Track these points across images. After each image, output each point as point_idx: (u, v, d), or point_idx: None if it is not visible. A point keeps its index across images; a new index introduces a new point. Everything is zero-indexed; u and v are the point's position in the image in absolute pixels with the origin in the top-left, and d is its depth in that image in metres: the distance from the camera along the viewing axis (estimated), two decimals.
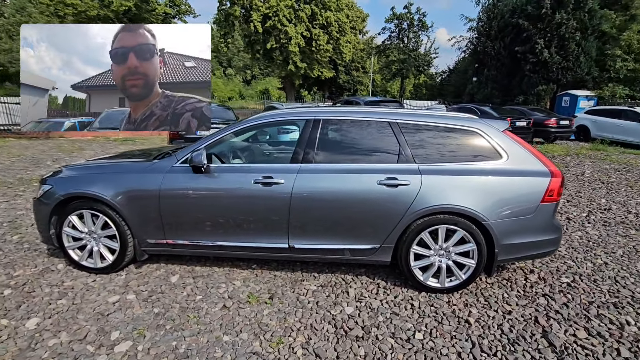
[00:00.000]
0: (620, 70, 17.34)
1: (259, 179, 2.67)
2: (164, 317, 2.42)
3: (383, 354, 2.12)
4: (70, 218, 2.84)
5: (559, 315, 2.50)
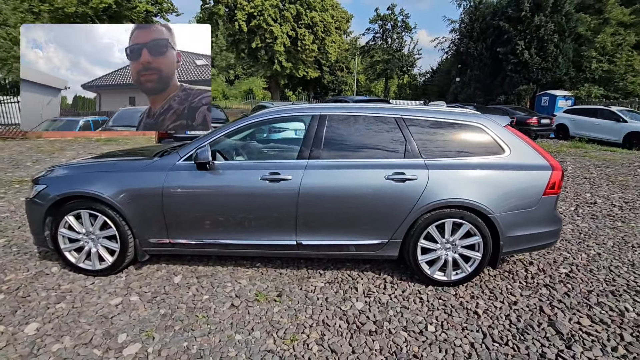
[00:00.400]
0: (596, 71, 18.10)
1: (266, 176, 2.63)
2: (171, 318, 2.35)
3: (398, 347, 2.13)
4: (67, 219, 2.73)
5: (562, 305, 2.58)
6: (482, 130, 2.77)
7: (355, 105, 2.92)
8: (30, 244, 3.45)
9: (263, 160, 2.75)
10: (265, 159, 2.76)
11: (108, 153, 3.54)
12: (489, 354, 2.08)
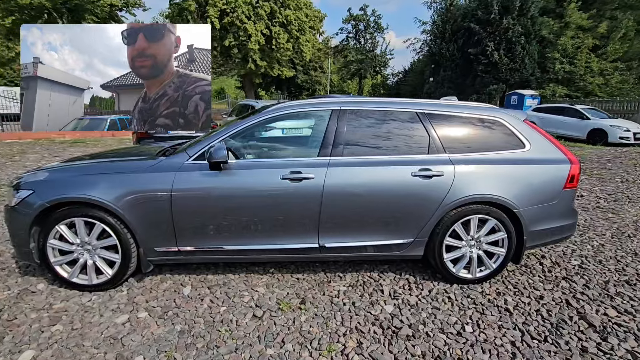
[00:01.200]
0: (559, 71, 19.21)
1: (287, 175, 2.45)
2: (190, 335, 2.12)
3: (440, 350, 2.04)
4: (58, 228, 2.40)
5: (585, 297, 2.60)
6: (503, 124, 2.74)
7: (374, 99, 2.79)
8: (5, 258, 3.05)
9: (279, 158, 2.56)
10: (281, 157, 2.57)
11: (99, 154, 3.19)
12: (532, 352, 2.03)
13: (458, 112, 2.74)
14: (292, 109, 2.65)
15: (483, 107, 2.84)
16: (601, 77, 19.18)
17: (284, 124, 3.52)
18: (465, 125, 2.73)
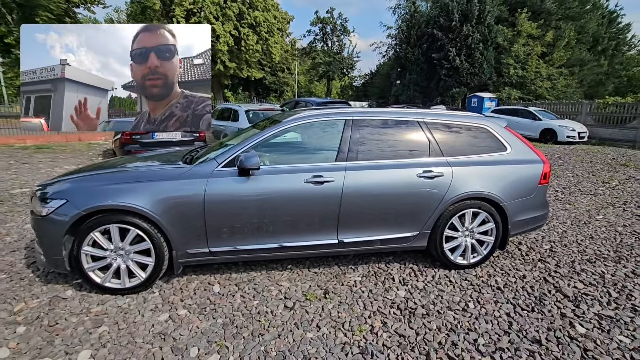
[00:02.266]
0: (512, 76, 20.90)
1: (310, 179, 2.72)
2: (234, 326, 2.33)
3: (452, 324, 2.41)
4: (93, 235, 2.50)
5: (557, 274, 3.11)
6: (488, 130, 3.20)
7: (381, 110, 3.14)
8: (19, 268, 3.04)
9: (299, 164, 2.81)
10: (300, 162, 2.82)
11: (114, 162, 3.26)
12: (524, 319, 2.46)
13: (452, 120, 3.16)
14: (310, 119, 2.92)
15: (471, 116, 3.29)
16: (549, 81, 21.14)
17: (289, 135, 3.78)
18: (458, 132, 3.15)
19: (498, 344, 2.22)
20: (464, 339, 2.26)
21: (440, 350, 2.15)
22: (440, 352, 2.14)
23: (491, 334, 2.32)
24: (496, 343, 2.23)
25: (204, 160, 2.75)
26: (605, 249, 3.64)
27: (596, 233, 4.10)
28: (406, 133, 3.04)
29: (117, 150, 7.06)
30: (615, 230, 4.22)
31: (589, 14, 23.55)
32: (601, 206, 5.22)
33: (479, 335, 2.30)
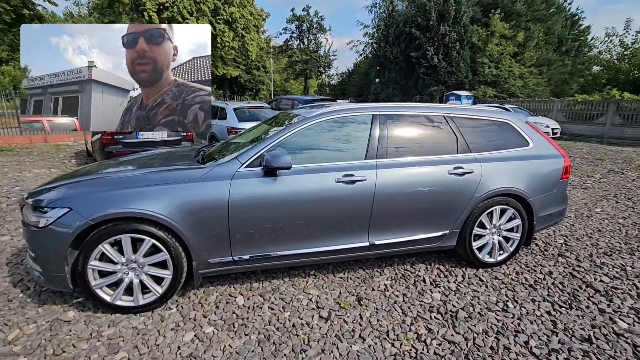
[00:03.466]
0: (487, 75, 21.60)
1: (340, 178, 2.54)
2: (271, 343, 2.11)
3: (497, 326, 2.32)
4: (101, 247, 2.19)
5: (581, 268, 3.12)
6: (511, 125, 3.15)
7: (406, 104, 3.00)
8: (4, 288, 2.65)
9: (326, 162, 2.62)
10: (327, 161, 2.62)
11: (114, 164, 2.91)
12: (566, 317, 2.41)
13: (476, 115, 3.08)
14: (336, 114, 2.73)
15: (494, 111, 3.22)
16: (521, 80, 22.01)
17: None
18: (483, 127, 3.07)
19: (550, 345, 2.14)
20: (514, 341, 2.17)
21: (495, 356, 2.04)
22: (496, 357, 2.03)
23: (539, 334, 2.24)
24: (547, 344, 2.15)
25: (225, 161, 2.49)
26: (616, 242, 3.71)
27: (601, 226, 4.19)
28: (433, 128, 2.93)
29: (97, 152, 6.52)
30: (617, 222, 4.33)
31: (554, 17, 24.75)
32: (596, 199, 5.38)
33: (528, 337, 2.21)
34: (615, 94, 15.27)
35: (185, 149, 3.50)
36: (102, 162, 3.21)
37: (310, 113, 2.74)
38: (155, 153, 3.35)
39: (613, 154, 10.46)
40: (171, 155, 3.21)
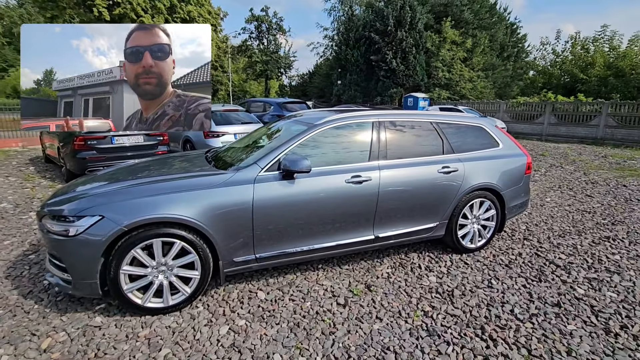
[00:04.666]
0: (441, 78, 23.16)
1: (349, 179, 2.83)
2: (302, 329, 2.35)
3: (486, 299, 2.75)
4: (134, 252, 2.28)
5: (543, 249, 3.70)
6: (484, 129, 3.65)
7: (401, 112, 3.37)
8: (15, 300, 2.61)
9: (334, 165, 2.88)
10: (335, 163, 2.89)
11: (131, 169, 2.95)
12: (538, 288, 2.92)
13: (456, 121, 3.54)
14: (342, 121, 3.01)
15: (470, 117, 3.71)
16: (470, 83, 23.89)
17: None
18: (462, 131, 3.54)
19: (530, 311, 2.61)
20: (502, 311, 2.61)
21: (490, 323, 2.46)
22: (491, 324, 2.45)
23: (520, 303, 2.70)
24: (528, 310, 2.62)
25: (245, 166, 2.67)
26: (566, 226, 4.40)
27: (553, 213, 4.92)
28: (423, 133, 3.33)
29: (68, 159, 6.19)
30: (564, 209, 5.10)
31: (497, 25, 27.14)
32: (545, 190, 6.22)
33: (512, 306, 2.67)
34: (550, 97, 17.20)
35: (191, 154, 3.58)
36: (114, 169, 3.20)
37: (317, 120, 3.00)
38: (158, 159, 3.41)
39: (552, 150, 11.87)
40: (179, 160, 3.31)
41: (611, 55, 18.91)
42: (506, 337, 2.32)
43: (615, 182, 6.88)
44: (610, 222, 4.55)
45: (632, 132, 13.77)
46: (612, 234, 4.12)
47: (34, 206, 4.98)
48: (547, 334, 2.36)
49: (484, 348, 2.22)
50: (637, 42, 18.06)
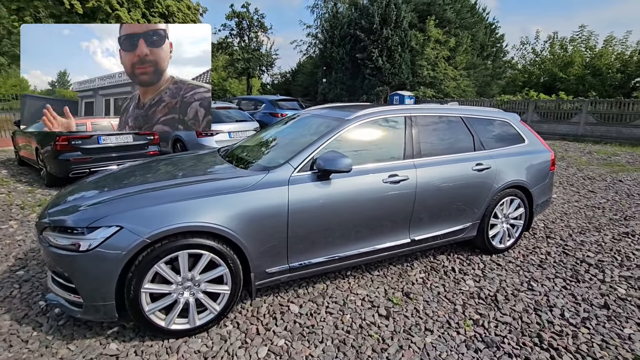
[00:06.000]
0: (426, 76, 23.35)
1: (387, 178, 2.62)
2: (350, 347, 2.11)
3: (532, 304, 2.60)
4: (157, 267, 1.97)
5: (569, 247, 3.62)
6: (510, 124, 3.53)
7: (430, 106, 3.17)
8: (9, 328, 2.23)
9: (368, 163, 2.65)
10: (369, 162, 2.65)
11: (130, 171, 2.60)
12: (579, 289, 2.80)
13: (484, 115, 3.39)
14: (372, 116, 2.78)
15: (496, 111, 3.57)
16: (454, 81, 24.24)
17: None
18: (490, 126, 3.39)
19: (580, 314, 2.48)
20: (552, 315, 2.47)
21: (546, 330, 2.31)
22: (547, 331, 2.29)
23: (568, 307, 2.57)
24: (578, 314, 2.49)
25: (276, 165, 2.40)
26: (582, 222, 4.37)
27: (564, 209, 4.89)
28: (454, 128, 3.15)
29: (48, 160, 5.65)
30: (574, 205, 5.09)
31: (477, 25, 27.69)
32: None
33: (560, 310, 2.53)
34: (533, 95, 17.66)
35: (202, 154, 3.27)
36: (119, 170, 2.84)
37: (347, 115, 2.76)
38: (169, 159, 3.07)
39: None
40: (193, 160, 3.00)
41: (587, 55, 19.65)
42: (567, 345, 2.17)
43: (610, 177, 7.01)
44: (621, 217, 4.55)
45: (611, 129, 14.31)
46: (629, 229, 4.10)
47: (13, 214, 4.48)
48: (606, 339, 2.23)
49: (549, 359, 2.05)
50: (611, 43, 18.84)
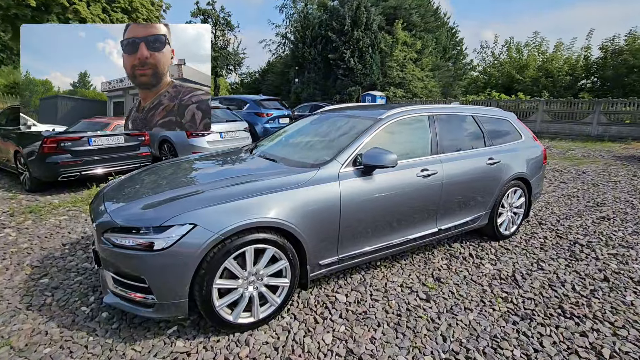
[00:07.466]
0: (395, 77, 24.21)
1: (419, 173, 2.82)
2: (406, 327, 2.29)
3: (546, 281, 2.94)
4: (227, 263, 2.02)
5: (560, 230, 4.06)
6: (510, 122, 3.89)
7: (448, 106, 3.43)
8: (61, 332, 2.16)
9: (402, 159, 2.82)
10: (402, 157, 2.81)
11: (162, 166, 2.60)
12: (581, 267, 3.19)
13: (489, 114, 3.72)
14: (402, 115, 2.98)
15: (497, 110, 3.92)
16: (421, 82, 25.34)
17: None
18: (493, 124, 3.72)
19: (589, 287, 2.84)
20: (567, 289, 2.81)
21: (565, 301, 2.63)
22: (566, 302, 2.62)
23: (576, 282, 2.93)
24: (586, 287, 2.85)
25: (325, 162, 2.51)
26: (564, 209, 4.88)
27: (545, 198, 5.42)
28: (467, 126, 3.44)
29: (32, 164, 5.27)
30: (552, 195, 5.65)
31: (440, 28, 29.14)
32: None
33: (571, 284, 2.88)
34: (495, 95, 18.96)
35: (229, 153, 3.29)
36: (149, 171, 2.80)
37: (380, 114, 2.93)
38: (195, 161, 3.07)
39: None
40: (232, 158, 3.04)
41: (540, 59, 21.44)
42: (585, 313, 2.50)
43: (574, 169, 7.80)
44: (594, 204, 5.14)
45: (564, 126, 15.77)
46: (604, 214, 4.66)
47: (4, 222, 4.18)
48: (614, 306, 2.59)
49: (576, 325, 2.36)
50: (560, 48, 20.71)
